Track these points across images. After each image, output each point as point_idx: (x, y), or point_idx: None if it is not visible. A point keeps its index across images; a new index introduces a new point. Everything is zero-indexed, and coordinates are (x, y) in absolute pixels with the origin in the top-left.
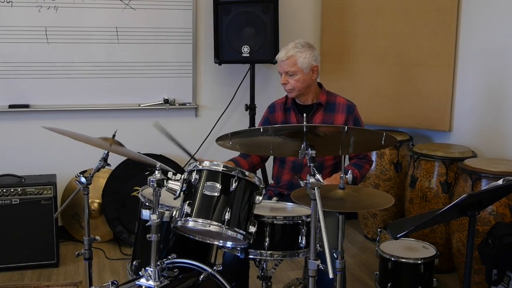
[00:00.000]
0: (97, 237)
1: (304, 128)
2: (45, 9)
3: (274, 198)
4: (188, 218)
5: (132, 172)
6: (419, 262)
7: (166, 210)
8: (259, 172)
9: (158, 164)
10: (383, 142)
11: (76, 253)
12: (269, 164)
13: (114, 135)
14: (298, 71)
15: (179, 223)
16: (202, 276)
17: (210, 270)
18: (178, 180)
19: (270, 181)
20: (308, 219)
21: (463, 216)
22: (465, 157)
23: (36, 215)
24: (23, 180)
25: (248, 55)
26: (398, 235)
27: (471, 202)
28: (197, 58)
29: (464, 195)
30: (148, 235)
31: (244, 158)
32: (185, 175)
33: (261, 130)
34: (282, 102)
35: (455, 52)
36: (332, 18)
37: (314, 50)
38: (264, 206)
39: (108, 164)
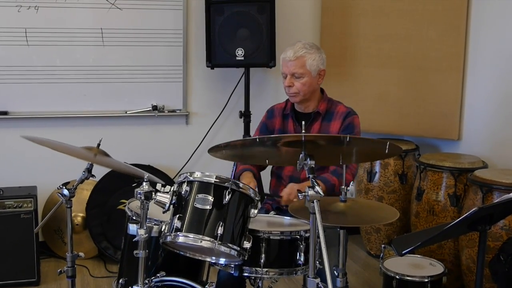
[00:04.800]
0: (81, 254)
1: (303, 138)
2: (25, 9)
3: (272, 212)
4: (178, 233)
5: (118, 184)
6: (426, 280)
7: (155, 224)
8: None
9: (146, 175)
10: (387, 151)
11: (58, 270)
12: (265, 176)
13: (99, 144)
14: (306, 73)
15: (169, 238)
16: None
17: None
18: (167, 193)
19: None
20: (307, 234)
21: (473, 231)
22: (475, 167)
23: (16, 229)
24: (1, 193)
25: (242, 58)
26: (404, 252)
27: (482, 216)
28: (188, 61)
29: (474, 209)
30: (135, 251)
31: (252, 165)
32: (175, 187)
33: (257, 140)
34: (281, 108)
35: (464, 55)
36: (332, 18)
37: (323, 53)
38: (260, 220)
39: (93, 175)
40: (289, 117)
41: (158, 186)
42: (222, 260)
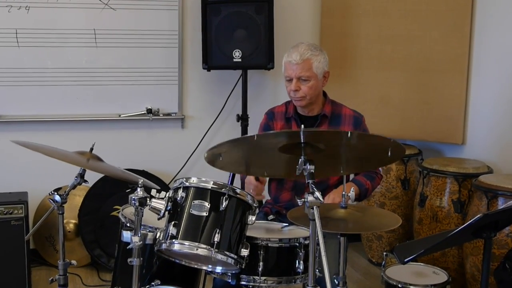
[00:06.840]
0: (73, 262)
1: (302, 138)
2: (16, 9)
3: (271, 216)
4: (173, 240)
5: (112, 190)
6: None
7: (149, 231)
8: None
9: (141, 180)
10: (389, 153)
11: (50, 279)
12: None
13: (91, 149)
14: (313, 76)
15: (164, 245)
16: None
17: None
18: (162, 199)
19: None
20: (306, 242)
21: (477, 238)
22: (479, 173)
23: (6, 237)
24: None
25: (239, 60)
26: (406, 259)
27: (487, 223)
28: (183, 63)
29: (479, 215)
30: (129, 259)
31: None
32: (170, 193)
33: (255, 138)
34: (282, 111)
35: (469, 57)
36: (332, 19)
37: (325, 54)
38: (258, 227)
39: (85, 181)
40: (292, 120)
41: (153, 192)
42: (218, 269)
